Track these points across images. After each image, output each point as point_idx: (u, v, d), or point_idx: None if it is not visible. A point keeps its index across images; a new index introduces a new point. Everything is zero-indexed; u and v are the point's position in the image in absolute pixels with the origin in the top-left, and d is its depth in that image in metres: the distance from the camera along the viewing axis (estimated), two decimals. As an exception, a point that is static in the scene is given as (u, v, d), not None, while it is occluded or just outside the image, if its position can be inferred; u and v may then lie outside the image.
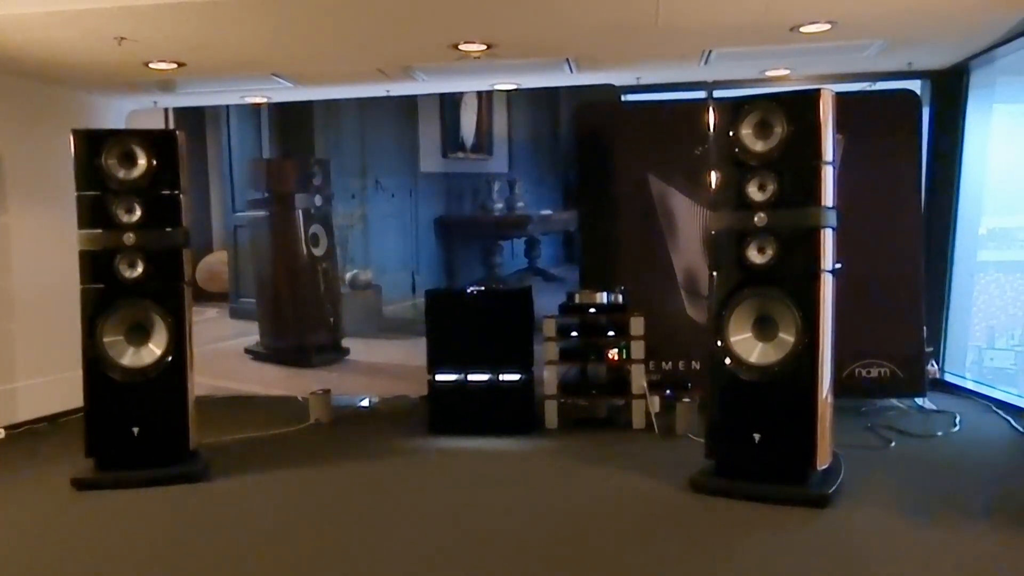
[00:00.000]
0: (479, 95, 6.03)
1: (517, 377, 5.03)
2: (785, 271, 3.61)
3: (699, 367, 5.36)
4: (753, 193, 3.65)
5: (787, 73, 5.89)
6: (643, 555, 3.11)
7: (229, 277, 6.29)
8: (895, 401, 5.37)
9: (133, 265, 4.13)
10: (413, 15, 4.33)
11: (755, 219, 3.63)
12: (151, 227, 4.13)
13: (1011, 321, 5.90)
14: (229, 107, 6.26)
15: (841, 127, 3.65)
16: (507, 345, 5.04)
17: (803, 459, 3.58)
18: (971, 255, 5.92)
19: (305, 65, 5.41)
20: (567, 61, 5.39)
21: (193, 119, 6.18)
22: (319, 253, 6.12)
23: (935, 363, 5.78)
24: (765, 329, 3.68)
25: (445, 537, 3.35)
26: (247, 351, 6.20)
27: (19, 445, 5.08)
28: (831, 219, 3.59)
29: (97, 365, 4.12)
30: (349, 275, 6.13)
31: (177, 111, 6.27)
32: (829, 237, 3.59)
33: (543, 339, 5.07)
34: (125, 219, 4.12)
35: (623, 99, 6.06)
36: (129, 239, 4.11)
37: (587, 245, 5.74)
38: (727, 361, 3.72)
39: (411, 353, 5.63)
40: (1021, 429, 4.75)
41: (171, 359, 4.16)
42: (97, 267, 4.12)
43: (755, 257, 3.66)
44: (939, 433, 4.72)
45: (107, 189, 4.11)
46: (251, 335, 6.20)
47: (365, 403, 6.05)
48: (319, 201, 6.09)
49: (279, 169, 6.21)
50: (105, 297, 4.13)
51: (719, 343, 3.75)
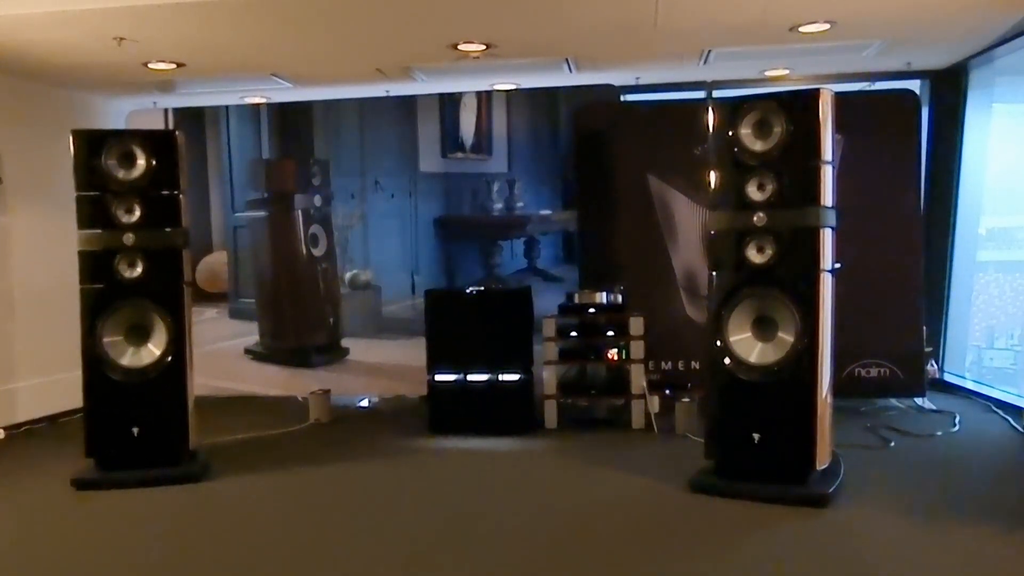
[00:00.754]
0: (478, 95, 6.03)
1: (517, 377, 5.03)
2: (784, 271, 3.61)
3: (698, 367, 5.36)
4: (752, 193, 3.65)
5: (786, 73, 5.90)
6: (642, 555, 3.11)
7: (229, 277, 6.30)
8: (894, 401, 5.37)
9: (133, 265, 4.13)
10: (412, 15, 4.34)
11: (754, 219, 3.63)
12: (151, 227, 4.13)
13: (1010, 321, 5.89)
14: (228, 107, 6.26)
15: (840, 127, 3.65)
16: (506, 345, 5.04)
17: (802, 459, 3.58)
18: (970, 255, 5.92)
19: (304, 65, 5.41)
20: (566, 61, 5.39)
21: (193, 119, 6.18)
22: (319, 253, 6.12)
23: (934, 363, 5.78)
24: (764, 329, 3.68)
25: (444, 537, 3.35)
26: (247, 351, 6.20)
27: (19, 445, 5.08)
28: (830, 219, 3.59)
29: (97, 365, 4.12)
30: (349, 275, 6.14)
31: (177, 111, 6.27)
32: (828, 237, 3.59)
33: (542, 339, 5.08)
34: (125, 219, 4.12)
35: (622, 99, 6.06)
36: (129, 239, 4.11)
37: (586, 245, 5.74)
38: (726, 361, 3.72)
39: (410, 353, 5.63)
40: (1021, 429, 4.75)
41: (171, 359, 4.16)
42: (97, 267, 4.12)
43: (754, 257, 3.66)
44: (938, 433, 4.72)
45: (107, 189, 4.11)
46: (251, 335, 6.20)
47: (365, 403, 6.05)
48: (318, 201, 6.09)
49: (279, 169, 6.21)
50: (105, 297, 4.12)
51: (718, 343, 3.74)
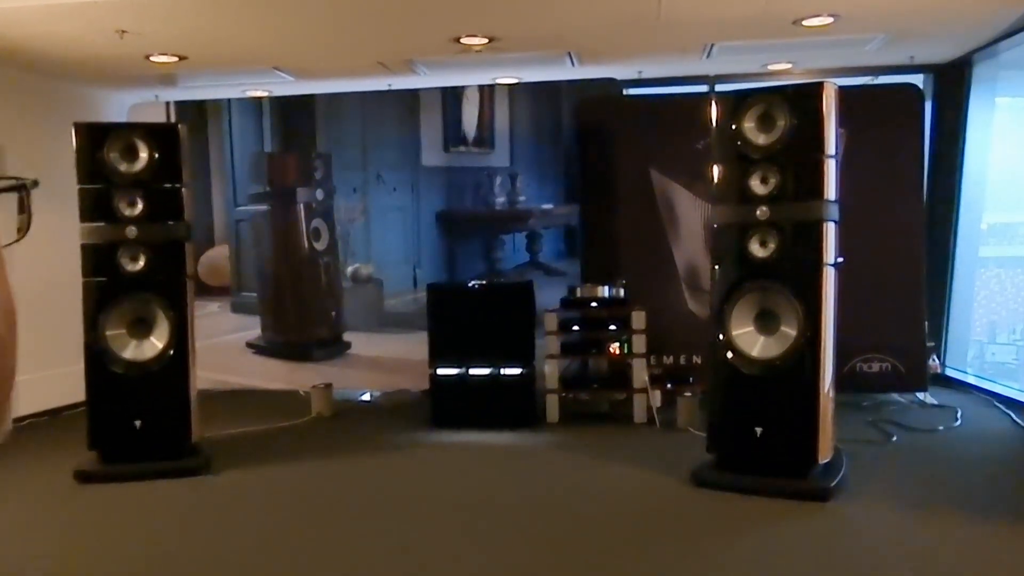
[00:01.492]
0: (481, 89, 6.02)
1: (518, 371, 5.03)
2: (787, 265, 3.61)
3: (700, 361, 5.36)
4: (755, 186, 3.64)
5: (789, 67, 5.88)
6: (644, 548, 3.11)
7: (231, 271, 6.30)
8: (896, 396, 5.37)
9: (135, 258, 4.13)
10: (415, 8, 4.33)
11: (757, 212, 3.63)
12: (153, 220, 4.13)
13: (1012, 316, 5.90)
14: (230, 101, 6.26)
15: (843, 121, 3.65)
16: (508, 339, 5.04)
17: (804, 453, 3.58)
18: (973, 250, 5.92)
19: (306, 59, 5.40)
20: (569, 55, 5.38)
21: (195, 113, 6.18)
22: (321, 247, 6.12)
23: (936, 358, 5.78)
24: (767, 323, 3.68)
25: (446, 530, 3.36)
26: (249, 345, 6.20)
27: (21, 439, 5.07)
28: (833, 213, 3.58)
29: (99, 358, 4.12)
30: (350, 269, 6.13)
31: (179, 104, 6.27)
32: (831, 231, 3.58)
33: (544, 333, 5.07)
34: (127, 212, 4.12)
35: (625, 93, 6.05)
36: (131, 232, 4.11)
37: (589, 239, 5.74)
38: (729, 355, 3.72)
39: (412, 347, 5.63)
40: (1022, 424, 4.75)
41: (173, 352, 4.16)
42: (99, 260, 4.12)
43: (757, 251, 3.66)
44: (940, 428, 4.72)
45: (109, 182, 4.10)
46: (253, 329, 6.21)
47: (366, 397, 6.05)
48: (321, 195, 6.09)
49: (280, 163, 6.21)
50: (107, 290, 4.13)
51: (721, 337, 3.74)
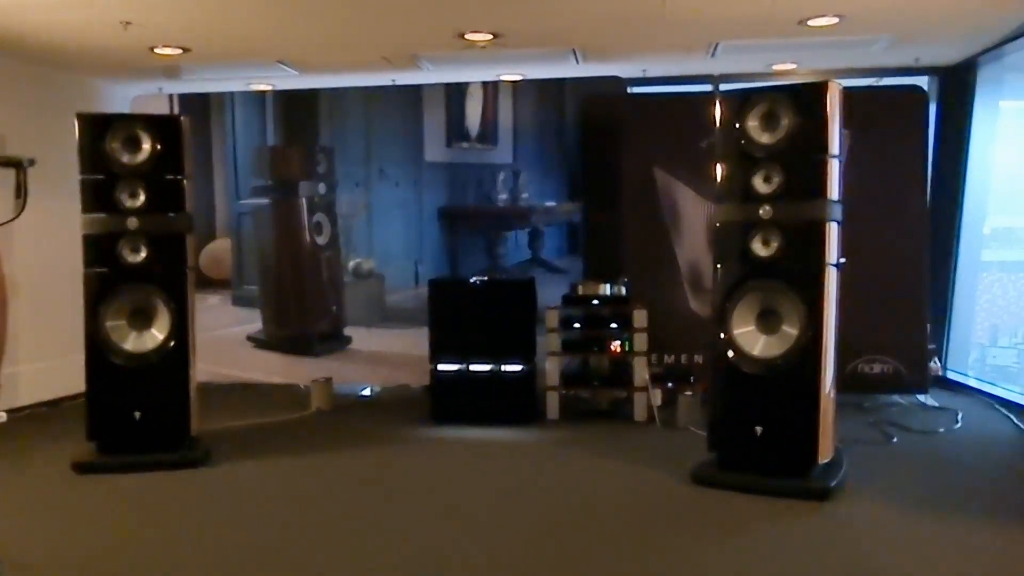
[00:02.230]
0: (484, 85, 6.01)
1: (519, 368, 5.02)
2: (790, 264, 3.60)
3: (701, 361, 5.35)
4: (759, 185, 3.63)
5: (794, 67, 5.87)
6: (644, 546, 3.10)
7: (232, 264, 6.29)
8: (897, 397, 5.36)
9: (136, 250, 4.13)
10: (420, 3, 4.32)
11: (760, 211, 3.62)
12: (155, 212, 4.13)
13: (1014, 320, 5.88)
14: (234, 94, 6.25)
15: (848, 122, 3.64)
16: (510, 335, 5.03)
17: (805, 453, 3.57)
18: (975, 253, 5.91)
19: (310, 53, 5.40)
20: (573, 52, 5.37)
21: (198, 105, 6.17)
22: (322, 241, 6.11)
23: (938, 360, 5.77)
24: (769, 322, 3.67)
25: (445, 525, 3.35)
26: (249, 338, 6.20)
27: (20, 429, 5.08)
28: (837, 213, 3.57)
29: (99, 349, 4.12)
30: (352, 264, 6.13)
31: (182, 97, 6.26)
32: (834, 231, 3.57)
33: (546, 330, 5.07)
34: (129, 203, 4.11)
35: (629, 91, 6.04)
36: (133, 223, 4.10)
37: (591, 237, 5.73)
38: (730, 354, 3.71)
39: (413, 342, 5.63)
40: (1023, 426, 4.74)
41: (173, 344, 4.16)
42: (100, 251, 4.12)
43: (760, 250, 3.65)
44: (941, 430, 4.72)
45: (111, 173, 4.10)
46: (254, 323, 6.20)
47: (367, 392, 6.05)
48: (323, 189, 6.08)
49: (283, 157, 6.20)
50: (108, 281, 4.12)
51: (722, 335, 3.74)
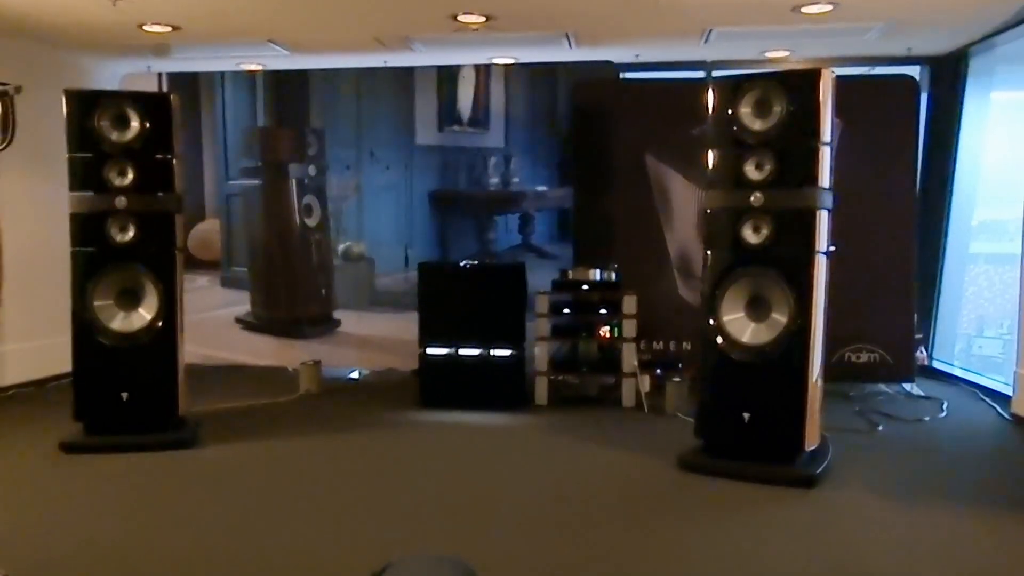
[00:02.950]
0: (477, 69, 5.98)
1: (508, 353, 5.02)
2: (780, 251, 3.61)
3: (690, 348, 5.37)
4: (750, 172, 3.63)
5: (787, 55, 5.87)
6: (630, 531, 3.12)
7: (221, 246, 6.25)
8: (883, 386, 5.39)
9: (125, 229, 4.10)
10: (413, -16, 4.29)
11: (751, 199, 3.62)
12: (143, 191, 4.10)
13: (1000, 311, 5.92)
14: (224, 73, 6.19)
15: (839, 111, 3.64)
16: (499, 320, 5.03)
17: (792, 440, 3.59)
18: (963, 245, 5.93)
19: (302, 32, 5.35)
20: (566, 36, 5.35)
21: (187, 85, 6.11)
22: (312, 224, 6.09)
23: (924, 350, 5.81)
24: (758, 309, 3.69)
25: (432, 508, 3.36)
26: (238, 320, 6.18)
27: (6, 409, 5.06)
28: (827, 201, 3.58)
29: (87, 329, 4.10)
30: (342, 247, 6.11)
31: (171, 76, 6.20)
32: (825, 219, 3.58)
33: (535, 315, 5.07)
34: (117, 182, 4.08)
35: (621, 77, 6.03)
36: (121, 202, 4.07)
37: (581, 222, 5.72)
38: (719, 340, 3.72)
39: (402, 326, 5.62)
40: (1007, 416, 4.78)
41: (162, 325, 4.14)
42: (88, 230, 4.09)
43: (750, 237, 3.65)
44: (926, 418, 4.75)
45: (99, 151, 4.06)
46: (242, 304, 6.18)
47: (355, 375, 6.04)
48: (313, 171, 6.05)
49: (273, 138, 6.16)
50: (96, 261, 4.10)
51: (711, 322, 3.75)
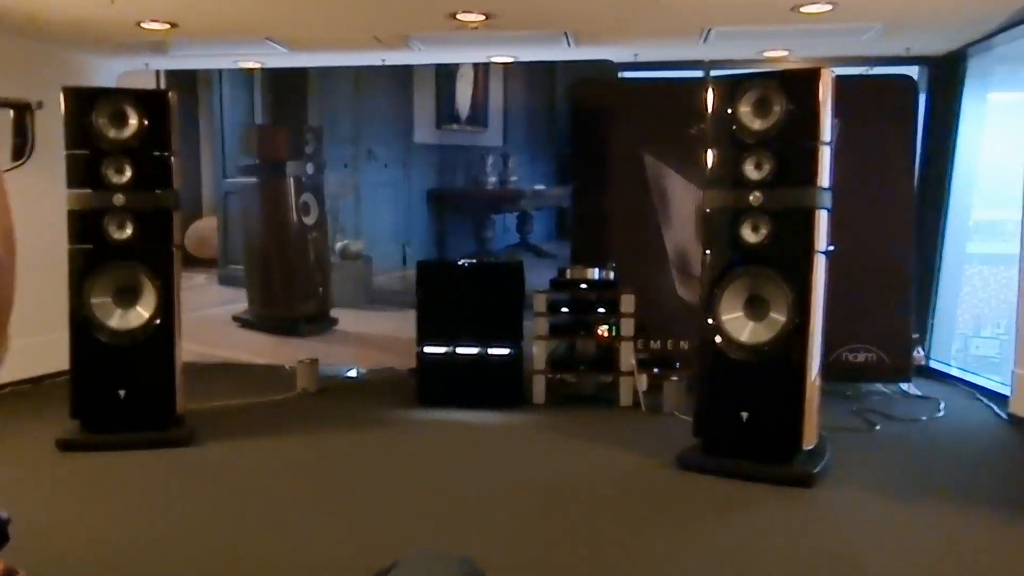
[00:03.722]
0: (475, 67, 5.97)
1: (506, 351, 5.02)
2: (778, 251, 3.61)
3: (688, 347, 5.37)
4: (749, 171, 3.63)
5: (786, 55, 5.87)
6: (627, 530, 3.12)
7: (218, 243, 6.24)
8: (880, 386, 5.40)
9: (122, 226, 4.09)
10: (412, -18, 4.28)
11: (750, 198, 3.62)
12: (141, 188, 4.09)
13: (997, 312, 5.93)
14: (222, 71, 6.18)
15: (838, 111, 3.64)
16: (497, 319, 5.03)
17: (790, 439, 3.59)
18: (960, 245, 5.94)
19: (300, 30, 5.34)
20: (565, 35, 5.34)
21: (185, 82, 6.09)
22: (309, 222, 6.07)
23: (921, 350, 5.82)
24: (756, 308, 3.69)
25: (428, 506, 3.35)
26: (235, 318, 6.16)
27: (2, 406, 5.04)
28: (826, 200, 3.59)
29: (84, 326, 4.09)
30: (339, 245, 6.10)
31: (169, 74, 6.18)
32: (824, 218, 3.58)
33: (533, 314, 5.07)
34: (115, 179, 4.07)
35: (620, 76, 6.02)
36: (119, 200, 4.06)
37: (579, 221, 5.72)
38: (717, 339, 3.73)
39: (400, 325, 5.61)
40: (1003, 415, 4.79)
41: (159, 322, 4.13)
42: (85, 227, 4.08)
43: (749, 236, 3.65)
44: (923, 418, 4.76)
45: (97, 148, 4.05)
46: (239, 302, 6.17)
47: (352, 373, 6.03)
48: (311, 169, 6.04)
49: (271, 136, 6.15)
50: (93, 258, 4.08)
51: (710, 321, 3.75)
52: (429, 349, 5.08)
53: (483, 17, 4.86)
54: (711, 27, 5.12)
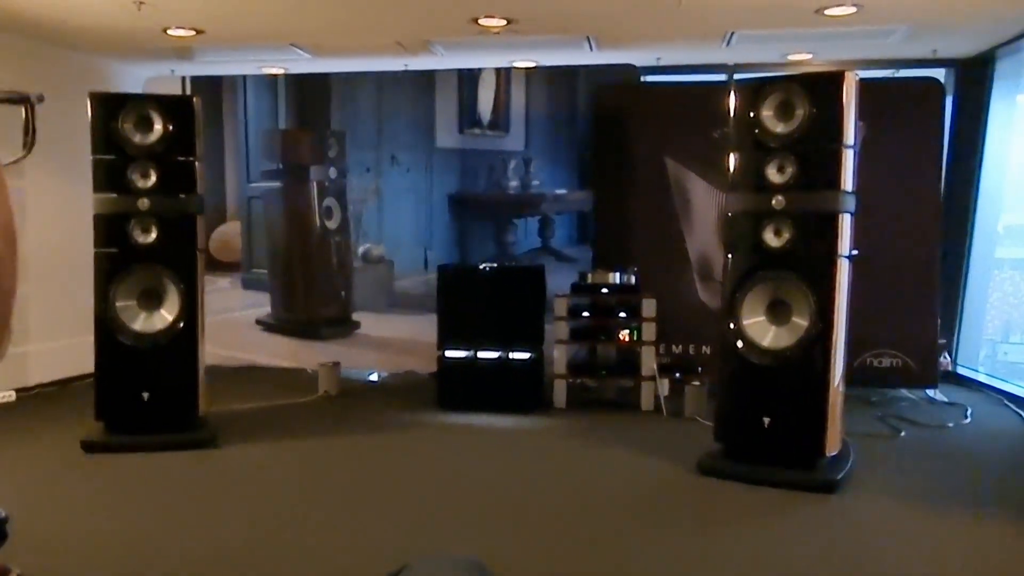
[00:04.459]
0: (497, 72, 5.98)
1: (527, 355, 5.01)
2: (801, 255, 3.57)
3: (709, 351, 5.33)
4: (772, 175, 3.60)
5: (810, 58, 5.82)
6: (649, 535, 3.10)
7: (242, 247, 6.29)
8: (906, 392, 5.33)
9: (147, 230, 4.13)
10: (434, -13, 4.30)
11: (773, 202, 3.59)
12: (166, 193, 4.13)
13: (1026, 317, 5.85)
14: (246, 77, 6.24)
15: (863, 114, 3.60)
16: (518, 323, 5.02)
17: (813, 445, 3.55)
18: (988, 250, 5.86)
19: (324, 36, 5.38)
20: (587, 39, 5.34)
21: (210, 88, 6.16)
22: (332, 226, 6.11)
23: (948, 355, 5.74)
24: (779, 313, 3.65)
25: (448, 509, 3.35)
26: (258, 322, 6.21)
27: (29, 407, 5.11)
28: (850, 204, 3.55)
29: (109, 329, 4.13)
30: (362, 249, 6.13)
31: (194, 79, 6.25)
32: (847, 222, 3.54)
33: (554, 318, 5.06)
34: (140, 184, 4.11)
35: (643, 80, 6.01)
36: (144, 204, 4.10)
37: (601, 225, 5.71)
38: (739, 344, 3.70)
39: (421, 329, 5.63)
40: (1033, 423, 4.72)
41: (183, 325, 4.16)
42: (111, 231, 4.13)
43: (771, 240, 3.62)
44: (950, 424, 4.69)
45: (123, 153, 4.10)
46: (262, 306, 6.21)
47: (374, 377, 6.05)
48: (334, 174, 6.07)
49: (294, 140, 6.20)
50: (118, 261, 4.13)
51: (732, 325, 3.72)
52: (450, 353, 5.08)
53: (505, 22, 4.87)
54: (734, 31, 5.09)
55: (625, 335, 5.02)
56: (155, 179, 4.11)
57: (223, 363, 5.89)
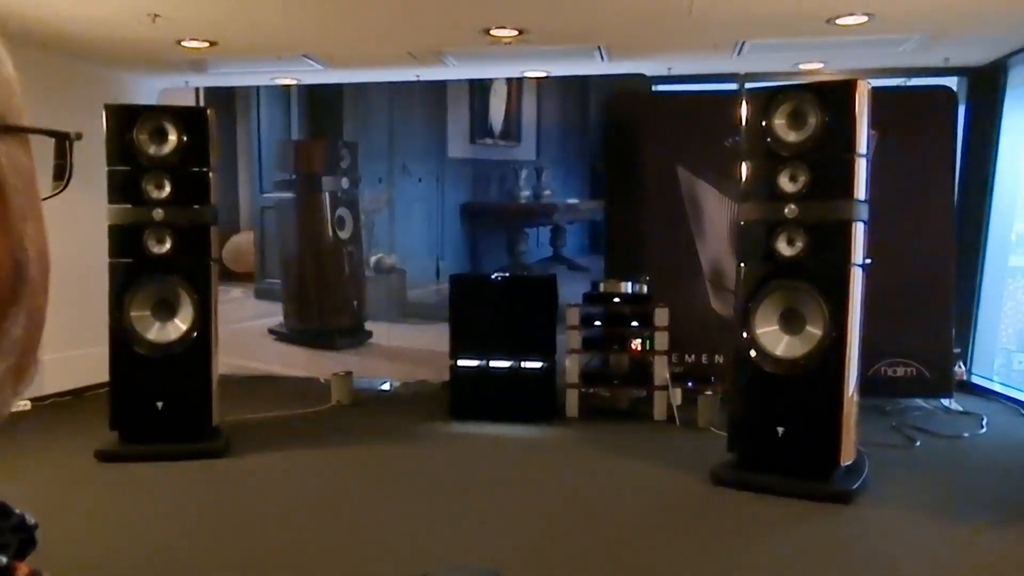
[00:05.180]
0: (509, 82, 6.00)
1: (539, 365, 5.01)
2: (814, 264, 3.57)
3: (722, 361, 5.32)
4: (784, 184, 3.60)
5: (821, 67, 5.82)
6: (662, 545, 3.09)
7: (255, 257, 6.32)
8: (921, 401, 5.30)
9: (161, 241, 4.16)
10: (446, -2, 4.32)
11: (785, 210, 3.59)
12: (180, 204, 4.16)
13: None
14: (259, 88, 6.28)
15: (875, 123, 3.60)
16: (530, 332, 5.02)
17: (827, 455, 3.54)
18: (1002, 258, 5.83)
19: (336, 47, 5.41)
20: (599, 49, 5.35)
21: (223, 99, 6.20)
22: (345, 236, 6.13)
23: (962, 364, 5.70)
24: (792, 322, 3.64)
25: (460, 519, 3.35)
26: (271, 331, 6.23)
27: (44, 417, 5.13)
28: (863, 213, 3.54)
29: (123, 339, 4.15)
30: (374, 259, 6.14)
31: (208, 91, 6.29)
32: (860, 231, 3.53)
33: (566, 328, 5.06)
34: (154, 195, 4.14)
35: (654, 89, 6.01)
36: (158, 215, 4.13)
37: (613, 235, 5.71)
38: (752, 353, 3.69)
39: (434, 338, 5.63)
40: (1049, 433, 4.68)
41: (196, 335, 4.18)
42: (125, 242, 4.16)
43: (784, 249, 3.62)
44: (965, 434, 4.66)
45: (137, 164, 4.13)
46: (275, 316, 6.24)
47: (386, 386, 6.06)
48: (346, 184, 6.10)
49: (307, 151, 6.23)
50: (133, 272, 4.16)
51: (745, 335, 3.71)
52: (462, 362, 5.08)
53: (516, 33, 4.88)
54: (745, 40, 5.09)
55: (637, 344, 5.01)
56: (169, 190, 4.14)
57: (236, 372, 5.90)
